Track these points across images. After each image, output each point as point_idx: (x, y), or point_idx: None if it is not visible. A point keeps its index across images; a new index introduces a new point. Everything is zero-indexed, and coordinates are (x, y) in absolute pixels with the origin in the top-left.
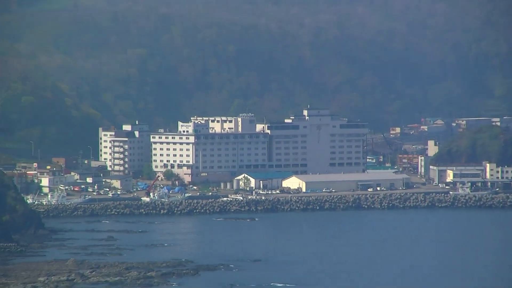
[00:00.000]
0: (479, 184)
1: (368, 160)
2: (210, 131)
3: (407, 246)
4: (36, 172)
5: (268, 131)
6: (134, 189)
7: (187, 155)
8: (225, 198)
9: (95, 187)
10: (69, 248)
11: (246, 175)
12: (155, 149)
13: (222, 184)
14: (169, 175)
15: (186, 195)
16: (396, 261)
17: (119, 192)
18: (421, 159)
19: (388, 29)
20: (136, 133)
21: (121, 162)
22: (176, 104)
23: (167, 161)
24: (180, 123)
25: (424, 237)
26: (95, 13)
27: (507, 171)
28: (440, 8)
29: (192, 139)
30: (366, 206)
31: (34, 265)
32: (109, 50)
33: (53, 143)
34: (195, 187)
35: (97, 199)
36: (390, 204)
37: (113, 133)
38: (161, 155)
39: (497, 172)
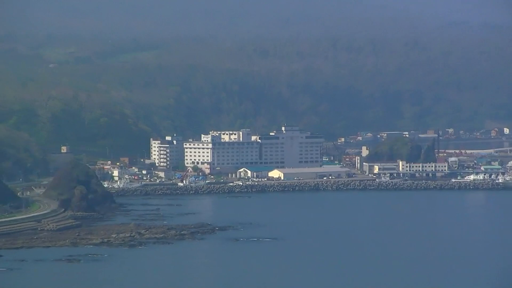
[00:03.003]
0: (395, 174)
1: (323, 159)
2: (222, 140)
3: (350, 212)
4: (109, 166)
5: (259, 140)
6: (173, 178)
7: (207, 156)
8: (231, 184)
9: (148, 176)
10: (131, 216)
11: (245, 169)
12: (186, 152)
13: (229, 175)
14: (195, 169)
15: (206, 181)
16: (343, 220)
17: (163, 180)
18: (357, 158)
19: (337, 74)
20: (174, 142)
21: (165, 160)
22: (200, 123)
23: (194, 160)
24: (202, 135)
25: (360, 207)
26: (147, 63)
27: (412, 166)
28: (370, 59)
29: (210, 145)
30: (322, 189)
31: (108, 227)
32: (156, 87)
33: (120, 148)
34: (212, 177)
35: (149, 184)
36: (338, 188)
37: (159, 141)
38: (190, 156)
39: (406, 167)
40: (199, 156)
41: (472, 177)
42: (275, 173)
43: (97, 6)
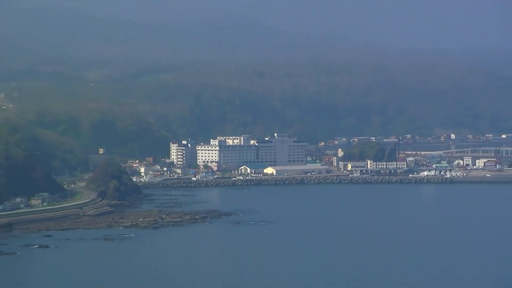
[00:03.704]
0: (364, 171)
1: (307, 159)
2: (226, 144)
3: (329, 200)
4: (137, 165)
5: (257, 144)
6: (188, 174)
7: (215, 156)
8: (234, 178)
9: (168, 172)
10: (154, 204)
11: (245, 166)
12: (198, 153)
13: (233, 171)
14: (205, 166)
15: (214, 176)
16: (323, 207)
17: (180, 175)
18: (334, 158)
19: (318, 91)
20: (189, 145)
21: (181, 159)
22: (209, 130)
23: (205, 159)
24: (211, 140)
25: (336, 196)
26: (166, 83)
27: (378, 164)
28: (345, 79)
29: (217, 148)
30: (306, 182)
31: (136, 213)
32: (174, 102)
33: (146, 150)
34: (219, 173)
35: (169, 179)
36: (319, 181)
37: (177, 145)
38: (201, 156)
39: (373, 165)
40: (209, 156)
41: (425, 173)
42: (269, 170)
43: (126, 37)
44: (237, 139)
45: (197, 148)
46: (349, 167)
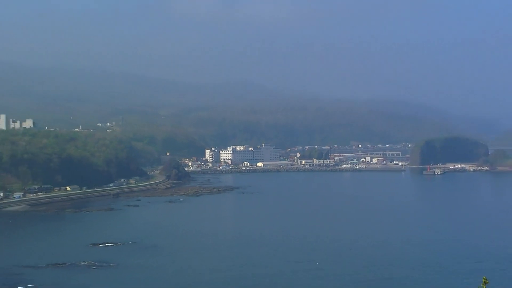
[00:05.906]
0: (311, 165)
1: (280, 158)
2: (236, 150)
3: (292, 180)
4: (187, 161)
5: (253, 150)
6: (215, 166)
7: (230, 156)
8: (241, 169)
9: (204, 165)
10: (197, 182)
11: (246, 162)
12: (221, 155)
13: (240, 165)
14: (225, 162)
15: (230, 167)
16: (289, 184)
17: (211, 167)
18: (295, 157)
19: (286, 122)
20: (216, 150)
21: (211, 158)
22: (227, 142)
23: (224, 158)
24: (228, 148)
25: (296, 178)
26: (203, 117)
27: (319, 161)
28: (300, 115)
29: (231, 152)
30: (280, 171)
31: (187, 187)
32: (207, 127)
33: (192, 153)
34: (232, 165)
35: (205, 169)
36: (287, 170)
37: (209, 150)
38: (223, 156)
39: (317, 161)
40: (226, 156)
41: (345, 166)
42: (260, 164)
43: (180, 92)
44: (242, 147)
45: (220, 152)
46: (303, 162)
